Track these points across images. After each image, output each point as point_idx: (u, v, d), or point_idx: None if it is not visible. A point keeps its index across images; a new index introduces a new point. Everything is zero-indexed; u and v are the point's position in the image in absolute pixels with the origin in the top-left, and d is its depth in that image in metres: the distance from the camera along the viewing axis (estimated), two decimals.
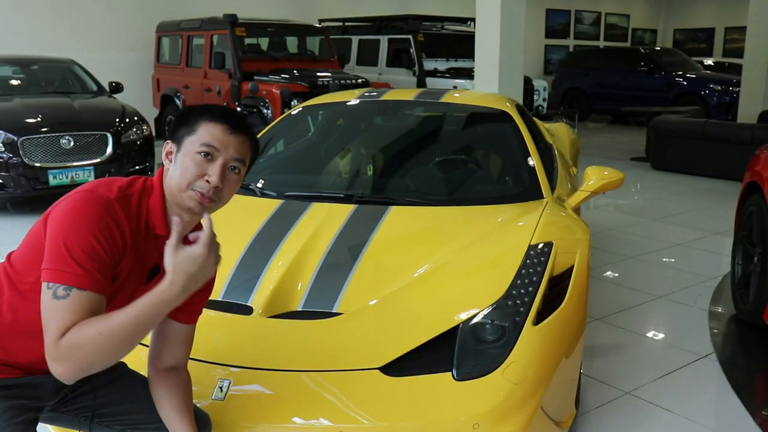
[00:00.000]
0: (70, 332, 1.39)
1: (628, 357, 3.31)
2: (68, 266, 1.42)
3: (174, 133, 1.62)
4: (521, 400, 1.94)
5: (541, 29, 17.21)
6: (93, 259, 1.44)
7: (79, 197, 1.50)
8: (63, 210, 1.48)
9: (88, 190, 1.52)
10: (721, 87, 12.02)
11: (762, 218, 3.53)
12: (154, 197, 1.60)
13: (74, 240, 1.43)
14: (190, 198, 1.57)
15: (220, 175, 1.57)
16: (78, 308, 1.41)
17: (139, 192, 1.59)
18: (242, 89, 8.42)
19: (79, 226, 1.44)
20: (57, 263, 1.42)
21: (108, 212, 1.49)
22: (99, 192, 1.51)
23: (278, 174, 3.49)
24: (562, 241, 2.47)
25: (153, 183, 1.62)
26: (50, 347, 1.39)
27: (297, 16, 11.23)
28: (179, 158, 1.59)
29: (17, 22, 9.76)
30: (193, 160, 1.57)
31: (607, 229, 5.68)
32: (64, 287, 1.41)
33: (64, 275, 1.41)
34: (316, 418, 1.89)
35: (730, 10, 17.81)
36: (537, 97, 10.75)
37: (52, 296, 1.41)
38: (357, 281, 2.33)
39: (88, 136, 6.10)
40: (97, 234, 1.45)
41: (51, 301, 1.41)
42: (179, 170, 1.57)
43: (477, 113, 3.75)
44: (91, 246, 1.44)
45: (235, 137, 1.60)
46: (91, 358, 1.40)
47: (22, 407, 1.58)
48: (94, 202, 1.48)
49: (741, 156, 5.84)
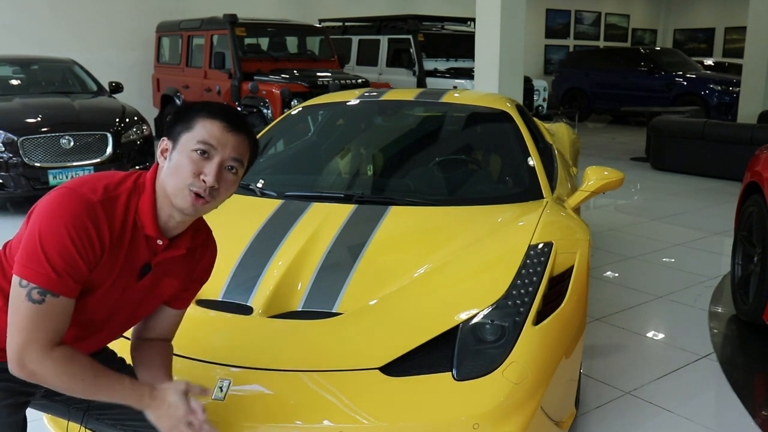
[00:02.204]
0: (62, 358, 1.43)
1: (628, 357, 3.31)
2: (42, 267, 1.41)
3: (170, 129, 1.58)
4: (521, 400, 1.94)
5: (541, 29, 17.21)
6: (68, 263, 1.43)
7: (61, 195, 1.46)
8: (44, 206, 1.46)
9: (70, 188, 1.48)
10: (721, 87, 12.03)
11: (762, 218, 3.53)
12: (145, 197, 1.56)
13: (51, 241, 1.42)
14: (184, 198, 1.53)
15: (216, 174, 1.53)
16: (52, 315, 1.43)
17: (129, 191, 1.55)
18: (242, 89, 8.42)
19: (57, 227, 1.42)
20: (32, 262, 1.42)
21: (88, 214, 1.45)
22: (82, 192, 1.47)
23: (278, 174, 3.49)
24: (562, 241, 2.47)
25: (144, 181, 1.58)
26: (26, 351, 1.41)
27: (297, 16, 11.24)
28: (174, 156, 1.54)
29: (17, 22, 9.76)
30: (189, 158, 1.52)
31: (607, 229, 5.69)
32: (39, 290, 1.41)
33: (37, 275, 1.41)
34: (316, 418, 1.89)
35: (730, 10, 17.81)
36: (537, 97, 10.74)
37: (26, 297, 1.41)
38: (357, 281, 2.33)
39: (88, 136, 6.10)
40: (74, 237, 1.43)
41: (25, 302, 1.41)
42: (174, 168, 1.53)
43: (477, 113, 3.75)
44: (67, 250, 1.42)
45: (234, 136, 1.55)
46: (57, 383, 1.45)
47: (11, 390, 1.57)
48: (75, 203, 1.45)
49: (741, 156, 5.84)
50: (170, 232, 1.62)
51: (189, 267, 1.72)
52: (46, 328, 1.42)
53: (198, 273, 1.77)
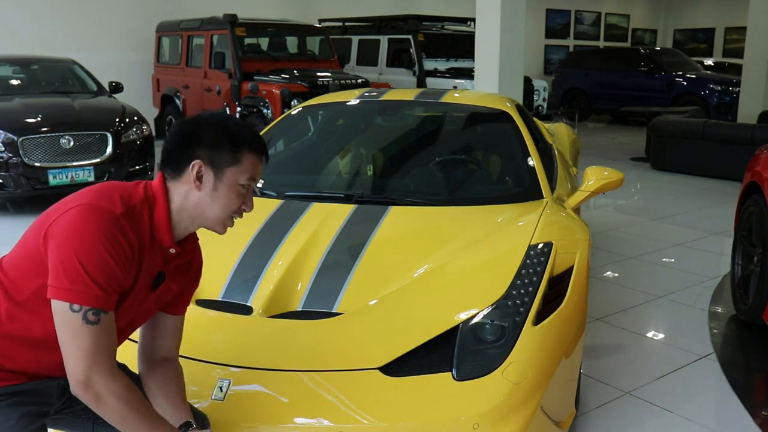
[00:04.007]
0: (127, 384, 1.46)
1: (628, 357, 3.31)
2: (90, 288, 1.40)
3: (213, 156, 1.56)
4: (521, 400, 1.94)
5: (541, 29, 17.20)
6: (110, 277, 1.44)
7: (85, 212, 1.44)
8: (69, 227, 1.43)
9: (91, 204, 1.46)
10: (721, 87, 12.02)
11: (762, 218, 3.53)
12: (159, 211, 1.56)
13: (91, 259, 1.41)
14: (224, 225, 1.61)
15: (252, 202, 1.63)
16: (111, 331, 1.45)
17: (141, 203, 1.54)
18: (242, 89, 8.42)
19: (93, 244, 1.41)
20: (78, 284, 1.40)
21: (117, 227, 1.46)
22: (104, 207, 1.46)
23: (278, 174, 3.49)
24: (562, 241, 2.47)
25: (154, 193, 1.57)
26: (94, 373, 1.42)
27: (297, 16, 11.23)
28: (222, 189, 1.56)
29: (17, 22, 9.76)
30: (237, 192, 1.58)
31: (607, 229, 5.68)
32: (94, 311, 1.41)
33: (88, 297, 1.40)
34: (316, 418, 1.89)
35: (730, 10, 17.80)
36: (537, 97, 10.73)
37: (83, 320, 1.40)
38: (357, 281, 2.33)
39: (88, 136, 6.10)
40: (110, 251, 1.43)
41: (84, 326, 1.41)
42: (220, 200, 1.57)
43: (477, 113, 3.75)
44: (107, 264, 1.43)
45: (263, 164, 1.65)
46: (116, 407, 1.45)
47: (33, 413, 1.57)
48: (103, 218, 1.44)
49: (741, 156, 5.84)
50: (178, 238, 1.64)
51: (185, 269, 1.73)
52: (108, 347, 1.44)
53: (192, 274, 1.78)
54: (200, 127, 1.59)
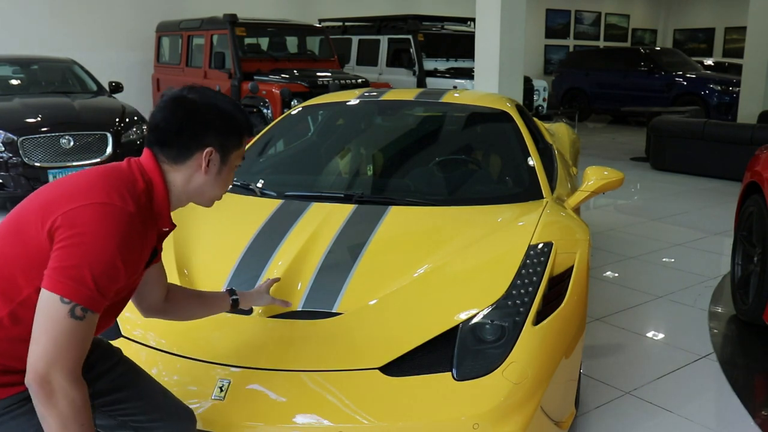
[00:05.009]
0: (84, 394, 1.39)
1: (628, 357, 3.31)
2: (88, 288, 1.38)
3: (224, 142, 1.60)
4: (521, 400, 1.94)
5: (541, 29, 17.21)
6: (113, 282, 1.42)
7: (100, 212, 1.41)
8: (85, 226, 1.39)
9: (107, 203, 1.43)
10: (721, 87, 12.02)
11: (762, 218, 3.53)
12: (159, 195, 1.56)
13: (102, 264, 1.39)
14: (214, 201, 1.67)
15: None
16: (90, 332, 1.41)
17: (142, 192, 1.52)
18: (242, 89, 8.42)
19: (109, 249, 1.39)
20: (78, 282, 1.37)
21: (134, 229, 1.45)
22: (119, 206, 1.44)
23: (278, 174, 3.49)
24: (562, 242, 2.47)
25: (151, 178, 1.55)
26: (56, 367, 1.35)
27: (297, 16, 11.23)
28: (224, 172, 1.64)
29: (17, 22, 9.76)
30: (233, 173, 1.68)
31: (607, 229, 5.69)
32: (82, 308, 1.38)
33: (82, 296, 1.38)
34: (316, 418, 1.89)
35: (730, 10, 17.81)
36: (537, 97, 10.74)
37: (69, 314, 1.36)
38: (357, 281, 2.33)
39: (88, 136, 6.11)
40: (126, 258, 1.43)
41: (67, 318, 1.36)
42: (224, 183, 1.66)
43: (477, 113, 3.75)
44: (116, 271, 1.42)
45: None
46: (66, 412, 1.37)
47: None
48: (121, 220, 1.42)
49: (741, 156, 5.84)
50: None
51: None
52: (79, 347, 1.39)
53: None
54: (206, 113, 1.58)
